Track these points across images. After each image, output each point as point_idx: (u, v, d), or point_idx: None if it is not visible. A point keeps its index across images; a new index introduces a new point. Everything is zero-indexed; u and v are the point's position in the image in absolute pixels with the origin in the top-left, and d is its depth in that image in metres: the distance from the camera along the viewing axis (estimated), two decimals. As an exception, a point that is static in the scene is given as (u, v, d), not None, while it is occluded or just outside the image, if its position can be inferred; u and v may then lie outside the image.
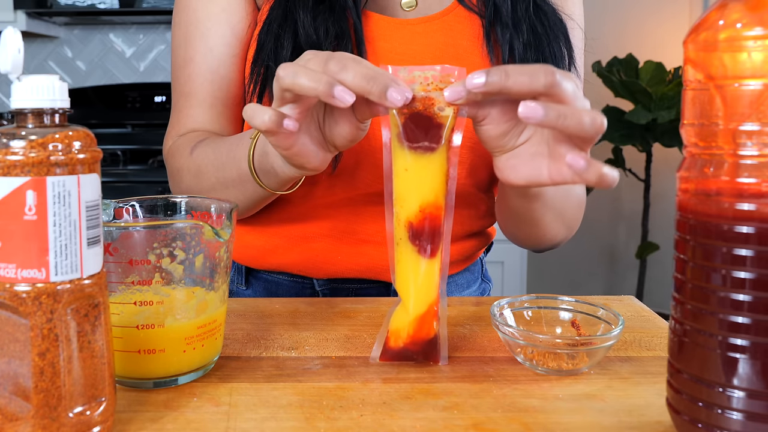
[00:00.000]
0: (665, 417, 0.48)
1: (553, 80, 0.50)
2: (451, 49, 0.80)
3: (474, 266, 0.94)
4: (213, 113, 0.84)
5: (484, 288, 0.97)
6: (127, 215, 0.58)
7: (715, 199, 0.41)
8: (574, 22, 0.86)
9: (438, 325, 0.57)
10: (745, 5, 0.40)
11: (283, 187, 0.68)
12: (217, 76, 0.83)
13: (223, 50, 0.83)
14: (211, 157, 0.76)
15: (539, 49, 0.79)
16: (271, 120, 0.53)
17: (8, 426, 0.42)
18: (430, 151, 0.55)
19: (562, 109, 0.50)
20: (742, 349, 0.40)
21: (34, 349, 0.41)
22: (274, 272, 0.87)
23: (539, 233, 0.79)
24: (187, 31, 0.84)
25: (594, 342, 0.56)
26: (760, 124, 0.39)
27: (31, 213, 0.41)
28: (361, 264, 0.83)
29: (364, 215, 0.81)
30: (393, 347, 0.58)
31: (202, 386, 0.54)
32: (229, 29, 0.83)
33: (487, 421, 0.48)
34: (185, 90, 0.85)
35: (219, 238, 0.53)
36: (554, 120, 0.50)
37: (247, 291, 0.89)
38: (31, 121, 0.42)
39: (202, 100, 0.84)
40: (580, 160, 0.52)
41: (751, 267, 0.39)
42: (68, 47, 2.62)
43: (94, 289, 0.43)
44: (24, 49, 0.43)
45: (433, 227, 0.55)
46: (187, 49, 0.84)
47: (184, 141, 0.82)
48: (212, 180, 0.76)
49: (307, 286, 0.86)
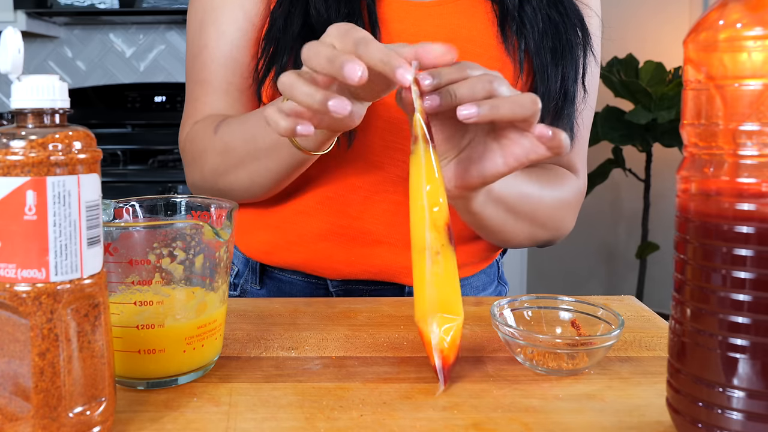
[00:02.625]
0: (665, 417, 0.48)
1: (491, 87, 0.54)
2: (465, 31, 0.80)
3: (490, 268, 0.93)
4: (228, 99, 0.83)
5: (501, 290, 0.96)
6: (127, 215, 0.58)
7: (715, 199, 0.41)
8: (591, 10, 0.85)
9: None
10: (745, 5, 0.40)
11: (320, 147, 0.67)
12: (231, 60, 0.83)
13: (236, 35, 0.82)
14: (238, 132, 0.75)
15: (556, 37, 0.79)
16: (285, 129, 0.55)
17: (8, 426, 0.42)
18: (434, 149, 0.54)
19: (494, 101, 0.54)
20: (742, 349, 0.40)
21: (34, 349, 0.41)
22: (288, 271, 0.87)
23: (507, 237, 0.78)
24: (202, 19, 0.84)
25: (594, 342, 0.56)
26: (760, 124, 0.39)
27: (31, 213, 0.41)
28: (375, 266, 0.82)
29: (380, 216, 0.81)
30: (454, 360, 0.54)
31: (202, 386, 0.54)
32: (242, 13, 0.82)
33: (487, 421, 0.48)
34: (200, 78, 0.84)
35: (219, 238, 0.53)
36: (489, 111, 0.53)
37: (261, 291, 0.89)
38: (31, 121, 0.42)
39: (217, 87, 0.83)
40: (546, 131, 0.55)
41: (751, 267, 0.39)
42: (68, 47, 2.62)
43: (94, 289, 0.43)
44: (24, 49, 0.43)
45: None
46: (201, 36, 0.84)
47: (204, 124, 0.81)
48: (242, 154, 0.75)
49: (321, 286, 0.86)
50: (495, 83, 0.54)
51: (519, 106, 0.54)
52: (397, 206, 0.80)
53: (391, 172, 0.80)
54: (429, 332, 0.53)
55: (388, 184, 0.80)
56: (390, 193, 0.80)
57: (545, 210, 0.80)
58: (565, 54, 0.79)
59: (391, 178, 0.80)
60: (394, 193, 0.80)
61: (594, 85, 0.86)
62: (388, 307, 0.73)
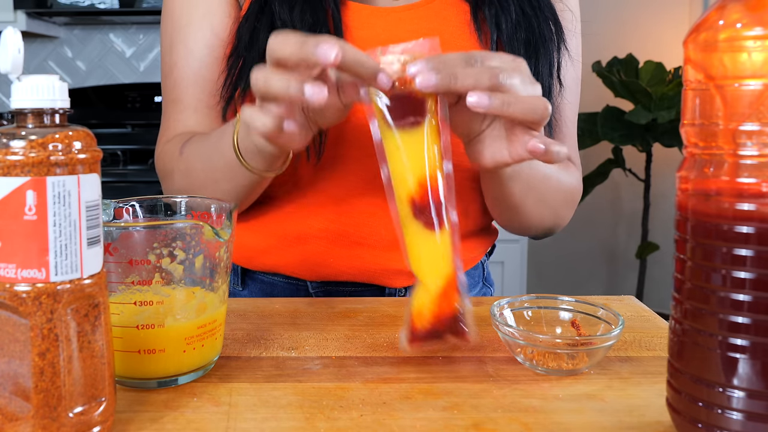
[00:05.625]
0: (665, 417, 0.48)
1: (496, 81, 0.55)
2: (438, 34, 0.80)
3: (474, 270, 0.93)
4: (199, 116, 0.84)
5: (486, 292, 0.96)
6: (127, 215, 0.58)
7: (715, 199, 0.41)
8: (564, 4, 0.86)
9: (460, 299, 0.56)
10: (745, 5, 0.40)
11: (271, 167, 0.68)
12: (200, 78, 0.83)
13: (204, 52, 0.83)
14: (197, 154, 0.76)
15: (529, 29, 0.80)
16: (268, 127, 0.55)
17: (8, 426, 0.42)
18: (417, 126, 0.56)
19: (506, 97, 0.55)
20: (742, 349, 0.40)
21: (34, 349, 0.41)
22: (269, 273, 0.87)
23: (524, 218, 0.80)
24: (171, 38, 0.85)
25: (594, 342, 0.56)
26: (760, 124, 0.39)
27: (31, 213, 0.41)
28: (354, 267, 0.82)
29: (357, 217, 0.81)
30: (419, 329, 0.56)
31: (202, 386, 0.54)
32: (210, 31, 0.83)
33: (487, 421, 0.48)
34: (172, 96, 0.85)
35: (219, 238, 0.53)
36: (499, 107, 0.54)
37: (243, 292, 0.89)
38: (31, 121, 0.42)
39: (187, 105, 0.84)
40: (538, 146, 0.56)
41: (751, 267, 0.39)
42: (68, 47, 2.62)
43: (94, 289, 0.43)
44: (24, 49, 0.43)
45: (435, 198, 0.56)
46: (171, 55, 0.85)
47: (172, 144, 0.82)
48: (201, 176, 0.76)
49: (302, 288, 0.86)
50: (502, 76, 0.55)
51: (531, 110, 0.55)
52: (374, 208, 0.80)
53: (364, 177, 0.80)
54: None
55: (363, 188, 0.80)
56: (366, 197, 0.80)
57: (558, 194, 0.82)
58: (539, 47, 0.80)
59: (366, 181, 0.80)
60: (371, 196, 0.80)
61: (571, 80, 0.87)
62: (388, 307, 0.73)
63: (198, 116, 0.84)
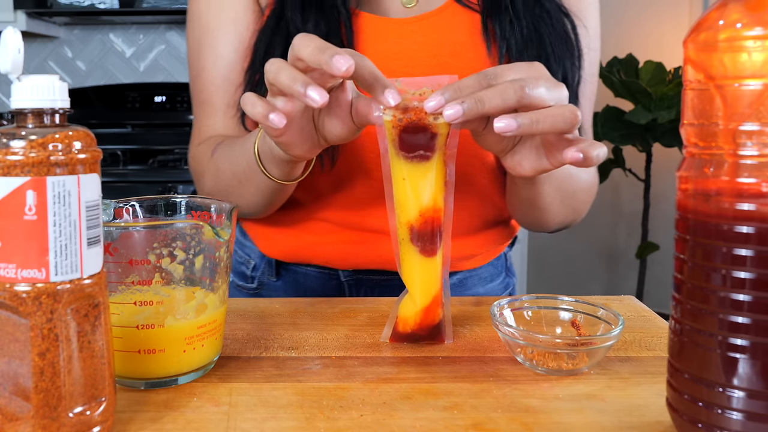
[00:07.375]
0: (665, 417, 0.48)
1: (523, 94, 0.54)
2: (448, 46, 0.80)
3: (497, 260, 0.95)
4: (228, 119, 0.86)
5: (508, 282, 0.98)
6: (127, 215, 0.58)
7: (714, 199, 0.41)
8: (580, 20, 0.85)
9: (442, 310, 0.61)
10: (745, 5, 0.40)
11: (288, 176, 0.70)
12: (228, 82, 0.85)
13: (232, 57, 0.85)
14: (226, 156, 0.78)
15: (541, 45, 0.79)
16: (260, 113, 0.56)
17: (8, 426, 0.42)
18: (425, 160, 0.57)
19: (534, 115, 0.54)
20: (742, 349, 0.40)
21: (34, 349, 0.41)
22: (303, 264, 0.90)
23: (548, 216, 0.81)
24: (199, 42, 0.87)
25: (594, 342, 0.56)
26: (760, 124, 0.39)
27: (31, 213, 0.41)
28: (382, 256, 0.85)
29: (379, 211, 0.83)
30: (402, 332, 0.62)
31: (202, 386, 0.54)
32: (237, 36, 0.85)
33: (487, 421, 0.48)
34: (201, 99, 0.87)
35: (219, 238, 0.53)
36: (529, 127, 0.54)
37: (277, 282, 0.92)
38: (31, 121, 0.42)
39: (217, 108, 0.86)
40: (578, 155, 0.56)
41: (751, 267, 0.39)
42: (68, 47, 2.62)
43: (94, 289, 0.43)
44: (24, 49, 0.43)
45: (433, 230, 0.58)
46: (200, 59, 0.87)
47: (204, 146, 0.85)
48: (229, 177, 0.78)
49: (333, 277, 0.89)
50: (527, 88, 0.54)
51: (561, 120, 0.54)
52: None
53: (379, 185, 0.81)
54: None
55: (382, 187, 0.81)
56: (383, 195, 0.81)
57: (581, 191, 0.83)
58: (551, 64, 0.79)
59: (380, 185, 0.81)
60: None
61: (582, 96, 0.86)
62: (388, 307, 0.73)
63: (228, 119, 0.86)
